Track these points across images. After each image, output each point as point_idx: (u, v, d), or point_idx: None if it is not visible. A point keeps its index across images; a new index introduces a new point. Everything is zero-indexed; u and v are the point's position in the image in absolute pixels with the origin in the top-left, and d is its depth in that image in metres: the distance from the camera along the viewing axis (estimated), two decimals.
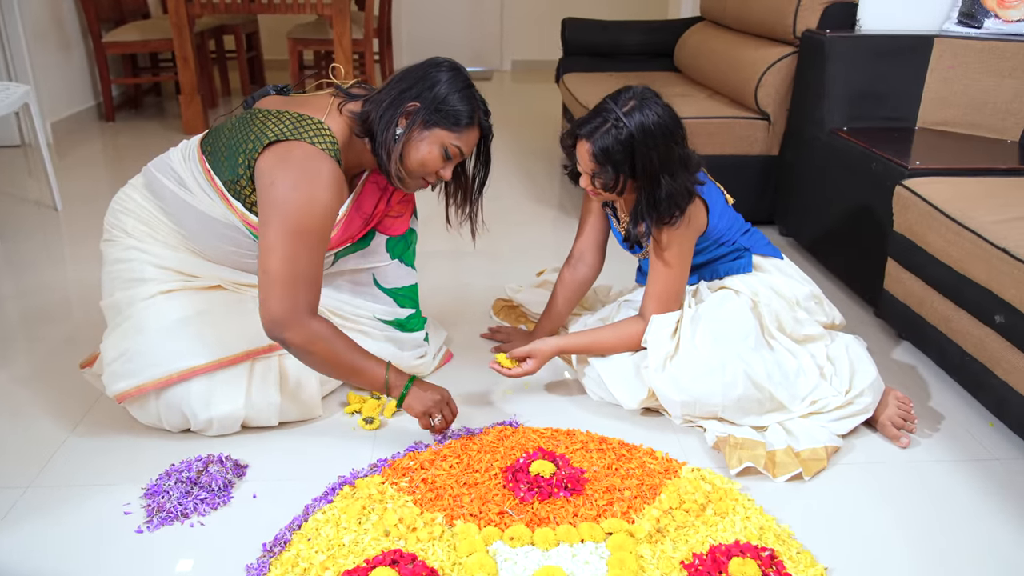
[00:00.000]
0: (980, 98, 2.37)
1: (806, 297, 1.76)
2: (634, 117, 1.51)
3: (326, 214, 1.45)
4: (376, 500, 1.41)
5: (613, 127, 1.52)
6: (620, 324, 1.73)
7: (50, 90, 4.04)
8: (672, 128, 1.55)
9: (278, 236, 1.41)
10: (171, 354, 1.53)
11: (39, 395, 1.76)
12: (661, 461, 1.54)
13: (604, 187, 1.59)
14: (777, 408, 1.62)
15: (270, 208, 1.42)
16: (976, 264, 1.65)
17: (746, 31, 3.11)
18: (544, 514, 1.38)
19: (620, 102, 1.54)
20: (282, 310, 1.41)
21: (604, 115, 1.54)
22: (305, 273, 1.43)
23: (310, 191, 1.43)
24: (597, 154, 1.55)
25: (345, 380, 1.58)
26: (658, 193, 1.56)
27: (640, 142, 1.52)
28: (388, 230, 1.72)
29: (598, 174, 1.58)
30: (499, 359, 1.69)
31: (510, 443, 1.58)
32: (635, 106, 1.52)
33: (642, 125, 1.51)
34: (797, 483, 1.49)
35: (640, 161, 1.53)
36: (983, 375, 1.65)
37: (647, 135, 1.51)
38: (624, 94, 1.56)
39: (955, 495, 1.47)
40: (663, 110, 1.54)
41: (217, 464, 1.49)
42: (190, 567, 1.28)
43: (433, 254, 2.55)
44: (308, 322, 1.44)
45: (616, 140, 1.52)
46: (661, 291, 1.68)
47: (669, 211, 1.59)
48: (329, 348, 1.46)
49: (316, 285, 1.47)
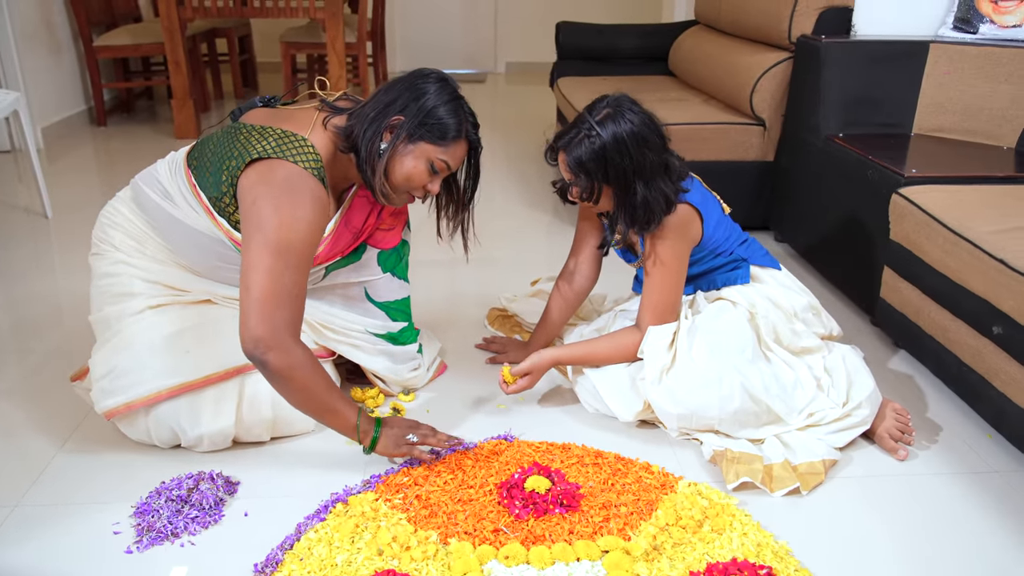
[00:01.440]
0: (976, 104, 2.36)
1: (804, 309, 1.75)
2: (607, 127, 1.53)
3: (309, 233, 1.42)
4: (369, 518, 1.39)
5: (586, 137, 1.54)
6: (616, 335, 1.72)
7: (40, 95, 4.01)
8: (646, 135, 1.55)
9: (260, 254, 1.36)
10: (160, 371, 1.51)
11: (28, 410, 1.74)
12: (657, 476, 1.52)
13: (581, 196, 1.60)
14: (774, 421, 1.61)
15: (252, 227, 1.39)
16: (974, 275, 1.64)
17: (741, 36, 3.10)
18: (539, 531, 1.37)
19: (595, 112, 1.56)
20: (264, 330, 1.35)
21: (579, 126, 1.56)
22: (288, 292, 1.38)
23: (292, 211, 1.39)
24: (572, 164, 1.57)
25: (313, 415, 1.46)
26: (632, 200, 1.57)
27: (612, 150, 1.53)
28: (380, 243, 1.70)
29: (575, 183, 1.59)
30: (504, 374, 1.68)
31: (505, 457, 1.57)
32: (608, 115, 1.54)
33: (614, 134, 1.52)
34: (795, 498, 1.48)
35: (612, 169, 1.54)
36: (981, 386, 1.64)
37: (619, 143, 1.53)
38: (599, 103, 1.57)
39: (954, 509, 1.46)
40: (637, 117, 1.55)
41: (208, 481, 1.47)
42: None
43: (426, 263, 2.53)
44: (292, 346, 1.38)
45: (590, 149, 1.54)
46: (656, 302, 1.67)
47: (645, 218, 1.59)
48: (308, 378, 1.39)
49: (299, 305, 1.41)
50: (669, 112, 2.83)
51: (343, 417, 1.46)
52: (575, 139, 1.56)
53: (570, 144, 1.56)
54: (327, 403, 1.44)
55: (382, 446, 1.49)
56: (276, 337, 1.36)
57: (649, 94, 3.19)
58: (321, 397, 1.43)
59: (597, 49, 3.84)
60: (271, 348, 1.35)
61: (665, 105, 2.96)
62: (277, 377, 1.38)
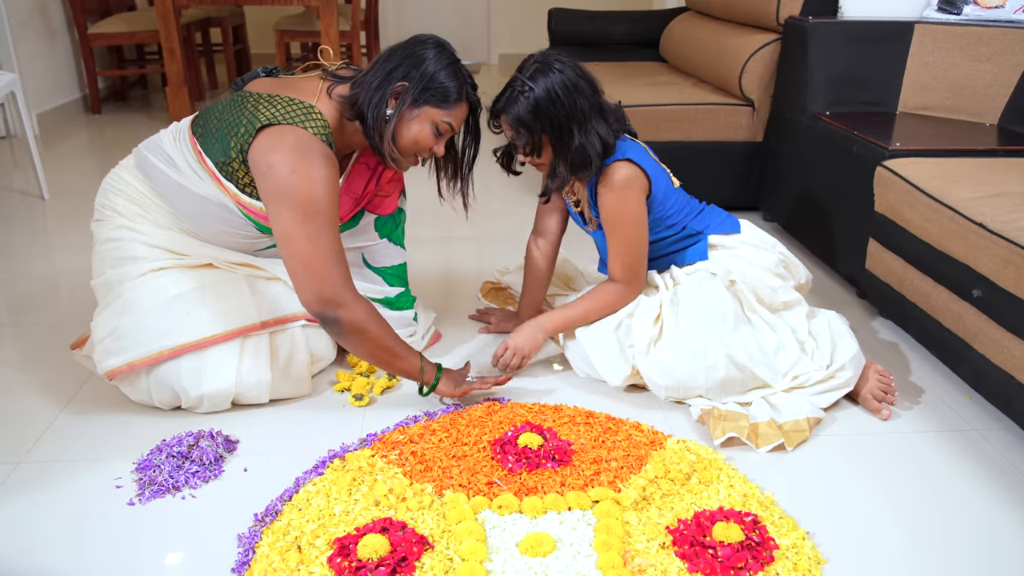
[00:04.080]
0: (959, 82, 2.41)
1: (775, 264, 1.79)
2: (538, 80, 1.58)
3: (330, 191, 1.46)
4: (366, 472, 1.43)
5: (520, 93, 1.59)
6: (595, 292, 1.75)
7: (35, 81, 4.02)
8: (575, 82, 1.60)
9: (292, 221, 1.43)
10: (161, 331, 1.54)
11: (29, 376, 1.77)
12: (647, 433, 1.56)
13: (524, 150, 1.65)
14: (760, 386, 1.65)
15: (275, 196, 1.44)
16: (954, 240, 1.68)
17: (731, 20, 3.14)
18: (532, 484, 1.41)
19: (524, 69, 1.62)
20: (328, 290, 1.44)
21: (512, 85, 1.62)
22: (331, 249, 1.45)
23: (308, 171, 1.44)
24: (512, 123, 1.62)
25: (382, 363, 1.58)
26: (570, 144, 1.62)
27: (545, 100, 1.58)
28: (377, 209, 1.74)
29: (517, 140, 1.64)
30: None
31: (498, 417, 1.60)
32: (538, 69, 1.60)
33: (545, 86, 1.58)
34: (780, 453, 1.52)
35: (548, 119, 1.60)
36: (961, 349, 1.69)
37: (550, 93, 1.58)
38: (527, 61, 1.63)
39: (934, 464, 1.51)
40: (564, 66, 1.60)
41: (208, 439, 1.50)
42: (182, 537, 1.29)
43: (423, 239, 2.57)
44: (356, 300, 1.47)
45: (525, 104, 1.59)
46: (623, 249, 1.71)
47: (581, 161, 1.63)
48: (378, 328, 1.51)
49: (344, 261, 1.49)
50: (660, 94, 2.89)
51: (409, 361, 1.58)
52: (511, 98, 1.60)
53: (507, 104, 1.61)
54: (395, 350, 1.55)
55: (443, 385, 1.62)
56: (340, 294, 1.45)
57: (641, 78, 3.23)
58: (390, 345, 1.54)
59: (589, 35, 3.88)
60: (340, 305, 1.45)
61: (656, 88, 3.01)
62: (351, 332, 1.48)
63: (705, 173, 2.75)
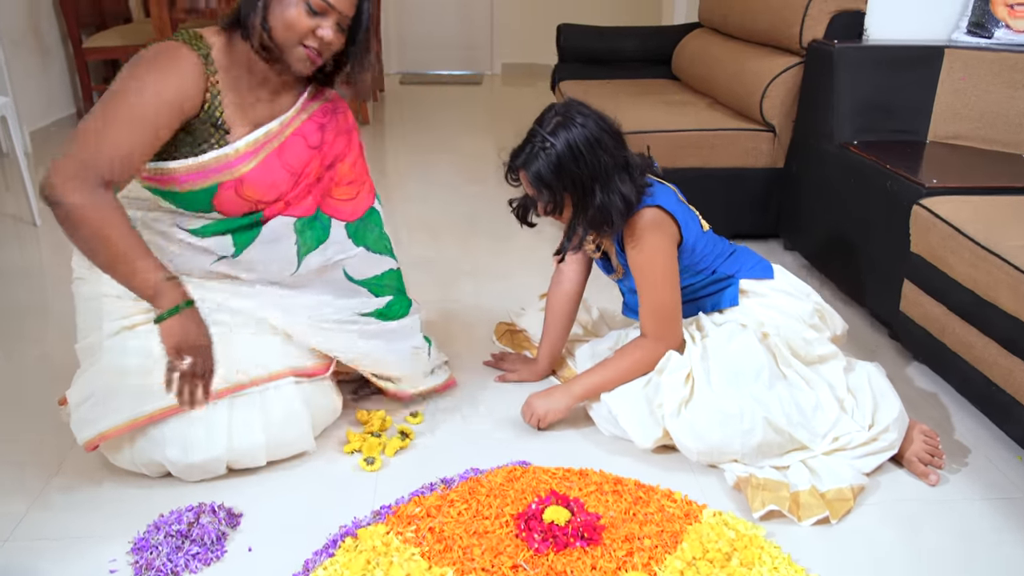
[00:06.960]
0: (992, 111, 2.31)
1: (810, 315, 1.69)
2: (559, 135, 1.51)
3: (155, 95, 1.33)
4: (381, 553, 1.32)
5: (541, 149, 1.52)
6: (626, 351, 1.66)
7: (28, 98, 3.91)
8: (598, 136, 1.52)
9: (99, 103, 1.33)
10: (137, 396, 1.41)
11: (15, 435, 1.65)
12: (680, 504, 1.46)
13: (546, 210, 1.58)
14: (798, 448, 1.55)
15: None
16: (1003, 290, 1.58)
17: (749, 39, 3.03)
18: (560, 567, 1.30)
19: (545, 123, 1.54)
20: (73, 163, 1.24)
21: (532, 140, 1.54)
22: (115, 142, 1.28)
23: (145, 74, 1.35)
24: (533, 181, 1.54)
25: (109, 270, 1.30)
26: (591, 202, 1.54)
27: (568, 158, 1.50)
28: (340, 214, 1.62)
29: (539, 198, 1.57)
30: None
31: (520, 485, 1.50)
32: (559, 123, 1.52)
33: (567, 141, 1.50)
34: (824, 527, 1.42)
35: (570, 177, 1.52)
36: (1012, 407, 1.58)
37: (573, 150, 1.50)
38: (548, 114, 1.56)
39: (988, 539, 1.40)
40: (587, 119, 1.53)
41: (209, 515, 1.39)
42: None
43: (431, 269, 2.46)
44: (97, 187, 1.25)
45: (547, 162, 1.51)
46: (655, 305, 1.62)
47: (601, 220, 1.55)
48: (108, 219, 1.26)
49: (125, 166, 1.30)
50: (677, 117, 2.78)
51: (142, 273, 1.29)
52: (531, 154, 1.53)
53: (527, 160, 1.54)
54: (122, 252, 1.28)
55: (170, 325, 1.30)
56: (84, 173, 1.24)
57: (653, 97, 3.13)
58: (118, 245, 1.27)
59: (599, 52, 3.78)
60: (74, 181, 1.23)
61: (670, 109, 2.90)
62: (72, 217, 1.24)
63: (724, 200, 2.65)
